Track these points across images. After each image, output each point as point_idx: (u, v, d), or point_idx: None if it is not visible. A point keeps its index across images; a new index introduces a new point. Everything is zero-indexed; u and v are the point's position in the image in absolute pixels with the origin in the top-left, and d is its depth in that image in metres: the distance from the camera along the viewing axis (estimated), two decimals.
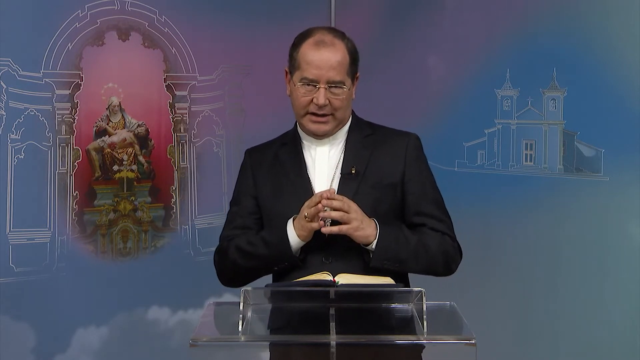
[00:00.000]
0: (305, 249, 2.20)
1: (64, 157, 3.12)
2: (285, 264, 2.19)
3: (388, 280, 2.07)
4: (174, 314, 3.40)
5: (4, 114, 2.97)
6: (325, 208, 2.13)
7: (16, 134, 2.99)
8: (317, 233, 2.17)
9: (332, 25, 3.75)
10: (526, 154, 3.42)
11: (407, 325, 1.88)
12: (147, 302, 3.34)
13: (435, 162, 3.31)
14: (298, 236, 2.16)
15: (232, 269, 2.28)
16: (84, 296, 3.15)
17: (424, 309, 1.82)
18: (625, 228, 3.12)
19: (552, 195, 3.32)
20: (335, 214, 2.12)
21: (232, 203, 2.40)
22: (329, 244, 2.19)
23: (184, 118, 3.45)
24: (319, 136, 2.28)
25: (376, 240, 2.13)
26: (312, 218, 2.12)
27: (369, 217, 2.16)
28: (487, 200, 3.47)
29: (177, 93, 3.42)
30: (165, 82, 3.39)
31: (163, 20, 3.35)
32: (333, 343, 1.73)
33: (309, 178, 2.26)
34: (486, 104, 3.49)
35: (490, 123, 3.50)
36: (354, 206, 2.13)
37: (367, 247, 2.16)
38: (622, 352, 3.11)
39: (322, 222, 2.13)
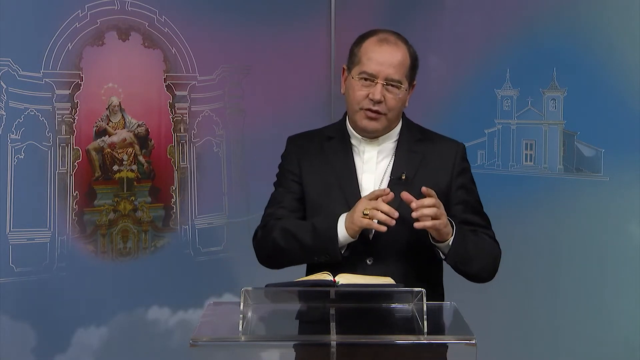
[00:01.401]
0: (350, 248, 2.20)
1: (64, 157, 3.12)
2: (327, 257, 2.17)
3: (388, 280, 2.07)
4: (174, 314, 3.40)
5: (4, 114, 2.97)
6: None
7: (16, 134, 2.99)
8: (364, 235, 2.18)
9: (332, 25, 3.75)
10: (526, 154, 3.42)
11: (407, 325, 1.88)
12: (147, 302, 3.34)
13: None
14: (347, 230, 2.15)
15: (272, 248, 2.27)
16: (84, 296, 3.15)
17: (424, 309, 1.82)
18: (625, 228, 3.12)
19: (552, 195, 3.32)
20: (428, 211, 2.09)
21: (277, 184, 2.38)
22: (373, 246, 2.20)
23: (184, 118, 3.45)
24: (369, 135, 2.28)
25: (453, 237, 2.14)
26: (372, 216, 2.10)
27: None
28: (486, 200, 3.45)
29: (177, 93, 3.42)
30: (165, 82, 3.39)
31: (163, 20, 3.35)
32: (333, 343, 1.73)
33: (356, 179, 2.26)
34: (486, 104, 3.49)
35: (490, 123, 3.50)
36: (439, 203, 2.12)
37: (439, 244, 2.16)
38: (622, 352, 3.12)
39: (375, 223, 2.10)
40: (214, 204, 3.53)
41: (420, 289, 1.87)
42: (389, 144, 2.30)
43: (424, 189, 2.11)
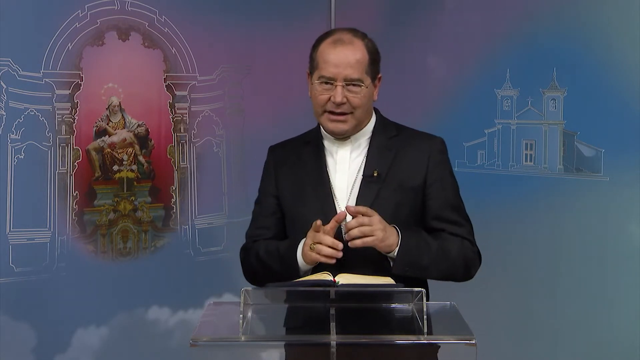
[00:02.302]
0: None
1: (64, 157, 3.12)
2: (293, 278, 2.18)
3: (388, 280, 2.07)
4: (174, 314, 3.40)
5: (4, 114, 2.97)
6: (343, 230, 2.14)
7: (16, 134, 2.99)
8: (337, 238, 2.17)
9: (332, 26, 3.75)
10: (526, 154, 3.42)
11: (407, 325, 1.88)
12: (147, 302, 3.34)
13: None
14: (304, 259, 2.16)
15: (253, 273, 2.32)
16: (84, 296, 3.15)
17: (424, 309, 1.82)
18: (625, 228, 3.12)
19: (552, 195, 3.32)
20: (355, 232, 2.09)
21: (256, 201, 2.41)
22: (344, 251, 2.19)
23: (184, 118, 3.45)
24: (339, 136, 2.27)
25: (398, 247, 2.13)
26: (318, 251, 2.11)
27: (391, 224, 2.15)
28: (487, 200, 3.47)
29: (177, 93, 3.42)
30: (165, 82, 3.39)
31: (163, 20, 3.35)
32: (333, 343, 1.73)
33: (329, 180, 2.26)
34: (486, 104, 3.49)
35: (490, 123, 3.50)
36: (376, 218, 2.11)
37: (389, 255, 2.15)
38: (622, 352, 3.11)
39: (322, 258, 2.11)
40: (214, 204, 3.53)
41: (420, 289, 1.87)
42: (362, 142, 2.29)
43: (348, 207, 2.11)
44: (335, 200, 2.24)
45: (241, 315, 1.83)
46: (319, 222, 2.12)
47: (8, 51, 2.94)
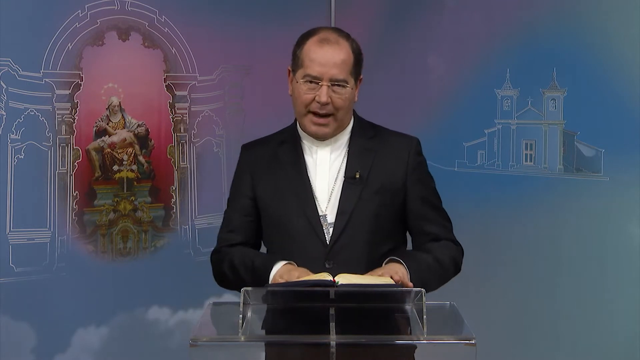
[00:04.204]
0: (307, 252, 2.20)
1: (64, 157, 3.12)
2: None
3: (388, 280, 2.07)
4: (174, 314, 3.40)
5: (4, 114, 2.97)
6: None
7: (16, 134, 2.99)
8: (320, 242, 2.19)
9: (332, 25, 3.75)
10: (526, 154, 3.42)
11: (407, 325, 1.88)
12: (147, 302, 3.34)
13: (435, 162, 3.32)
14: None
15: (222, 278, 2.30)
16: (84, 296, 3.15)
17: (424, 309, 1.82)
18: (625, 228, 3.12)
19: (552, 195, 3.32)
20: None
21: (228, 202, 2.38)
22: (331, 250, 2.19)
23: (184, 118, 3.45)
24: (320, 138, 2.27)
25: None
26: None
27: (391, 258, 2.15)
28: (487, 200, 3.47)
29: (177, 93, 3.42)
30: (165, 82, 3.39)
31: (163, 20, 3.35)
32: (333, 343, 1.73)
33: (309, 181, 2.24)
34: (486, 104, 3.49)
35: (490, 123, 3.50)
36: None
37: None
38: (622, 352, 3.11)
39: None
40: (214, 204, 3.52)
41: (420, 289, 1.87)
42: (341, 142, 2.28)
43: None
44: (316, 202, 2.23)
45: (241, 315, 1.83)
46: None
47: (8, 51, 2.94)
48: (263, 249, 2.37)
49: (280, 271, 2.12)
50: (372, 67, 3.31)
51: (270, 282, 2.12)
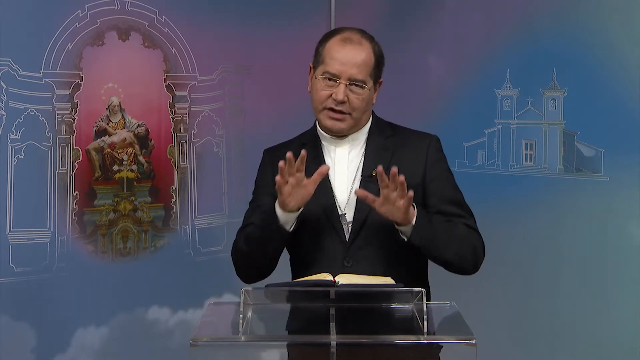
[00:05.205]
0: (326, 251, 2.20)
1: (64, 157, 3.12)
2: (273, 236, 2.15)
3: (388, 280, 2.07)
4: (174, 314, 3.40)
5: (4, 114, 2.97)
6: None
7: (16, 134, 2.99)
8: (340, 238, 2.19)
9: (332, 26, 3.75)
10: (526, 154, 3.42)
11: (407, 325, 1.88)
12: (147, 302, 3.34)
13: None
14: (280, 206, 2.12)
15: (240, 259, 2.28)
16: (84, 296, 3.15)
17: (424, 309, 1.82)
18: (625, 228, 3.12)
19: (552, 195, 3.32)
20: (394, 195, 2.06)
21: (252, 201, 2.37)
22: (349, 249, 2.19)
23: (184, 118, 3.45)
24: (336, 135, 2.27)
25: (415, 217, 2.11)
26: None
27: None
28: (487, 200, 3.46)
29: (177, 93, 3.42)
30: (165, 82, 3.39)
31: (163, 20, 3.35)
32: (333, 343, 1.73)
33: (329, 180, 2.24)
34: (486, 104, 3.49)
35: (490, 123, 3.50)
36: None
37: (401, 228, 2.13)
38: (622, 352, 3.11)
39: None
40: (214, 204, 3.53)
41: (420, 288, 1.87)
42: (359, 141, 2.29)
43: (393, 169, 2.05)
44: (336, 201, 2.24)
45: (241, 315, 1.83)
46: (281, 163, 2.07)
47: (8, 51, 2.94)
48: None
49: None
50: None
51: (277, 205, 2.12)
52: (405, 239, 2.13)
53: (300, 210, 2.14)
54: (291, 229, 2.15)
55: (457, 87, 3.58)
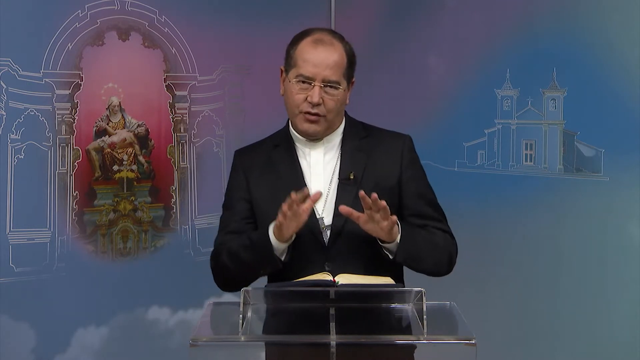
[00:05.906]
0: (306, 255, 2.18)
1: (64, 157, 3.12)
2: (268, 266, 2.15)
3: (388, 280, 2.07)
4: (174, 314, 3.40)
5: (4, 114, 2.97)
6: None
7: (16, 134, 2.99)
8: (319, 244, 2.18)
9: (332, 25, 3.75)
10: (526, 154, 3.42)
11: (407, 325, 1.88)
12: (147, 302, 3.34)
13: (435, 162, 3.34)
14: (276, 237, 2.12)
15: (224, 274, 2.25)
16: (84, 296, 3.15)
17: (424, 309, 1.82)
18: (625, 228, 3.12)
19: (552, 195, 3.32)
20: (378, 217, 2.07)
21: (225, 207, 2.35)
22: (329, 251, 2.19)
23: (184, 118, 3.45)
24: (311, 138, 2.26)
25: (400, 235, 2.12)
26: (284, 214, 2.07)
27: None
28: (487, 200, 3.47)
29: (177, 93, 3.42)
30: (165, 82, 3.39)
31: (163, 20, 3.35)
32: (333, 343, 1.73)
33: (305, 184, 2.23)
34: (486, 104, 3.49)
35: (490, 123, 3.50)
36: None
37: (386, 245, 2.13)
38: (622, 352, 3.12)
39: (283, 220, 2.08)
40: (214, 204, 3.49)
41: (420, 288, 1.87)
42: (334, 143, 2.28)
43: (373, 195, 2.05)
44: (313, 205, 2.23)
45: (241, 315, 1.83)
46: (293, 195, 2.06)
47: (8, 51, 2.94)
48: None
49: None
50: (372, 67, 3.33)
51: (271, 233, 2.11)
52: (390, 256, 2.14)
53: (293, 238, 2.13)
54: (284, 260, 2.15)
55: (457, 87, 3.58)
